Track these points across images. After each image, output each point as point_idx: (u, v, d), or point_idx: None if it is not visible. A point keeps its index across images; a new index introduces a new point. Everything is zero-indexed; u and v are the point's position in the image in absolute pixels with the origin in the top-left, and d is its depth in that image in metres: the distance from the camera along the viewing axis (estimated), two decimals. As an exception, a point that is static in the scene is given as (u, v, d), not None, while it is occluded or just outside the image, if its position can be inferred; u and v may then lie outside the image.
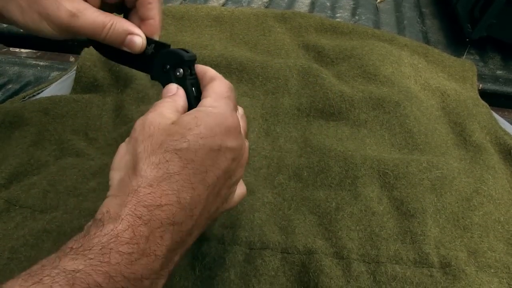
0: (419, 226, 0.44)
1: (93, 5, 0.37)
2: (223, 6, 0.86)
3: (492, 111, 0.62)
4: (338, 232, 0.44)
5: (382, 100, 0.58)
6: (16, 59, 0.75)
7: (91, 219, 0.27)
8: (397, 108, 0.57)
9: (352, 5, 0.93)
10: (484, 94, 0.68)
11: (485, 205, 0.47)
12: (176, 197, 0.27)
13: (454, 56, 0.72)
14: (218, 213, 0.33)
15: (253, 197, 0.46)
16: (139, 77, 0.60)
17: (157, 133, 0.29)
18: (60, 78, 0.64)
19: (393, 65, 0.64)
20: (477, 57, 0.80)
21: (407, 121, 0.56)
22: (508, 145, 0.55)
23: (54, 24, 0.35)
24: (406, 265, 0.41)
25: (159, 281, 0.27)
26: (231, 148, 0.31)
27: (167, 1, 0.90)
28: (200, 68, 0.36)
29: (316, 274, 0.40)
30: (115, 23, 0.36)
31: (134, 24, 0.37)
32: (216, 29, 0.73)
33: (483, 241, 0.44)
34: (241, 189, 0.35)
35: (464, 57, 0.78)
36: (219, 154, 0.30)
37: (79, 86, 0.60)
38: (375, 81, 0.62)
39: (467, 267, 0.41)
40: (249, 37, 0.72)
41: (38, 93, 0.61)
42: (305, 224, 0.44)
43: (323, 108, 0.58)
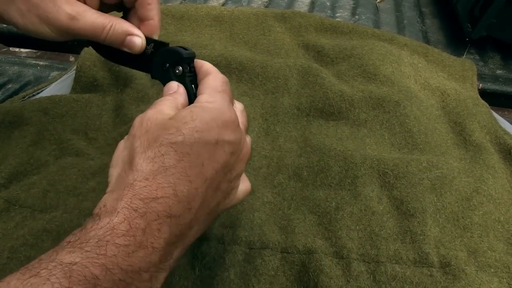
0: (419, 226, 0.44)
1: (92, 6, 0.37)
2: (223, 6, 0.86)
3: (492, 111, 0.62)
4: (338, 232, 0.44)
5: (382, 100, 0.58)
6: (16, 59, 0.75)
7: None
8: (397, 108, 0.57)
9: (352, 5, 0.93)
10: (484, 94, 0.68)
11: (485, 205, 0.47)
12: (173, 190, 0.27)
13: (454, 56, 0.72)
14: (221, 209, 0.33)
15: (253, 197, 0.46)
16: (139, 77, 0.60)
17: (153, 128, 0.29)
18: (60, 78, 0.64)
19: (393, 65, 0.64)
20: (477, 57, 0.80)
21: (407, 121, 0.56)
22: (508, 145, 0.55)
23: (54, 27, 0.36)
24: (406, 265, 0.41)
25: (159, 275, 0.27)
26: (229, 142, 0.31)
27: (167, 1, 0.90)
28: (197, 63, 0.36)
29: (316, 274, 0.40)
30: (115, 24, 0.36)
31: (133, 25, 0.38)
32: (216, 29, 0.73)
33: (483, 241, 0.44)
34: (246, 185, 0.35)
35: (464, 57, 0.78)
36: (217, 148, 0.30)
37: (79, 86, 0.60)
38: (375, 81, 0.62)
39: (467, 267, 0.41)
40: (249, 37, 0.72)
41: (38, 93, 0.61)
42: (305, 224, 0.44)
43: (323, 108, 0.58)
